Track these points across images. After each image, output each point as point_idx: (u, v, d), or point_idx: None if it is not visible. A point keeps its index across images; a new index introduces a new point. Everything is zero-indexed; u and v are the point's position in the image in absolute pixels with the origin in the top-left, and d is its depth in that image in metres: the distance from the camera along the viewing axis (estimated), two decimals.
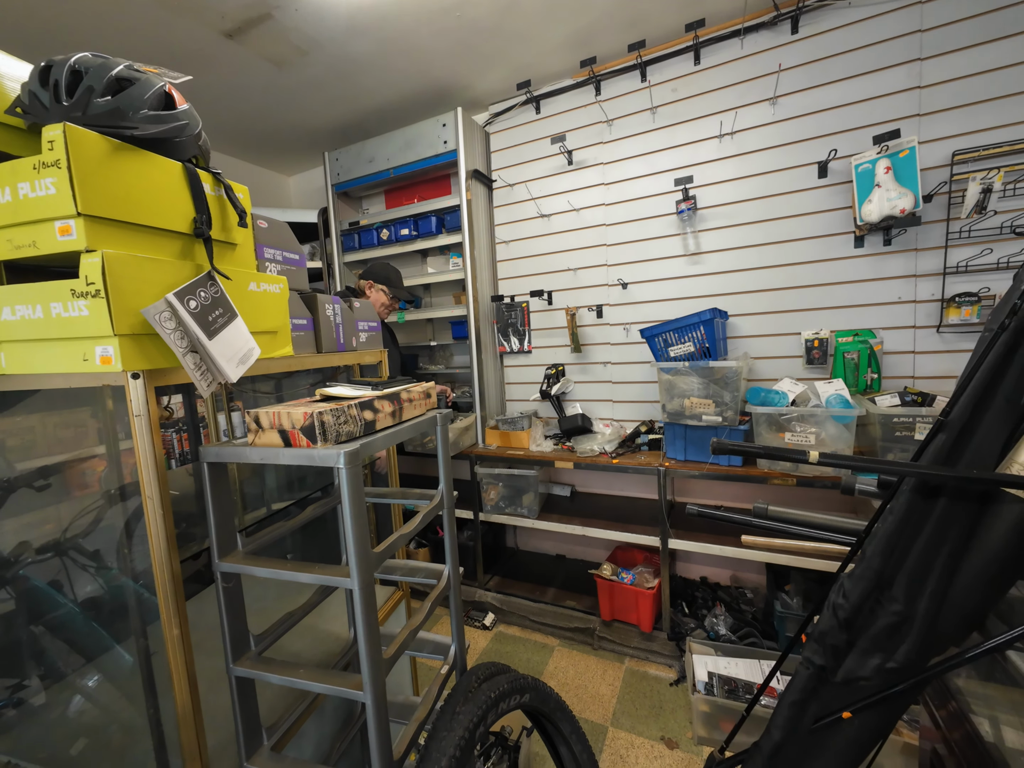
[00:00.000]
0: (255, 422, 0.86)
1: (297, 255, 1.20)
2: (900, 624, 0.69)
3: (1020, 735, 0.72)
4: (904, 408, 1.68)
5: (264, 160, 3.48)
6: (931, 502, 0.69)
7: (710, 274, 2.33)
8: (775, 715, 0.75)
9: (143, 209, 0.74)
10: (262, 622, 1.02)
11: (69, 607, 1.42)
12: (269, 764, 0.92)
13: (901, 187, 1.79)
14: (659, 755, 1.66)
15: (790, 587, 2.05)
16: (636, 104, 2.39)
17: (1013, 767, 0.67)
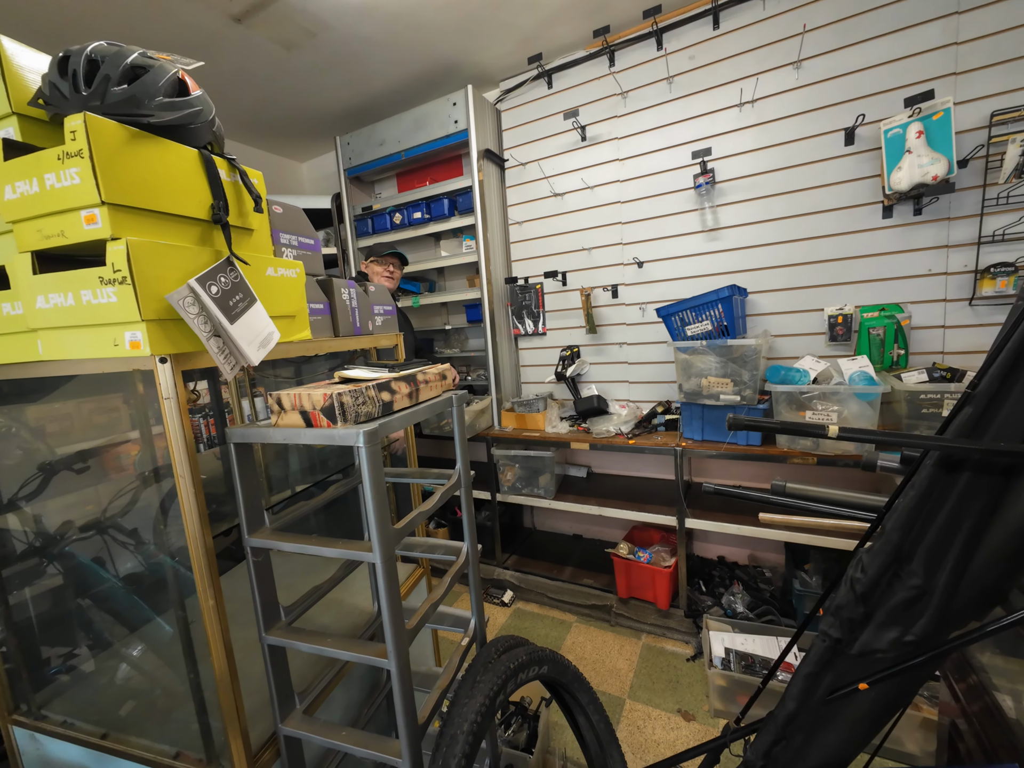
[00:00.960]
0: (277, 404, 0.89)
1: (312, 240, 1.22)
2: (918, 598, 0.69)
3: None
4: (932, 384, 1.63)
5: (276, 147, 3.49)
6: (954, 476, 0.68)
7: (729, 250, 2.27)
8: (790, 686, 0.76)
9: (162, 196, 0.76)
10: (290, 596, 1.07)
11: (112, 582, 1.51)
12: (302, 725, 0.97)
13: (934, 152, 1.70)
14: (676, 726, 1.70)
15: (809, 566, 2.04)
16: (652, 74, 2.31)
17: None
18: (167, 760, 1.01)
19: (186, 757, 1.01)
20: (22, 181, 0.71)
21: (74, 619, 1.47)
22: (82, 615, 1.49)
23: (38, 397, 1.46)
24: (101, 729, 1.10)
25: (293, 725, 0.98)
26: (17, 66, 0.79)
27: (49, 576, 1.43)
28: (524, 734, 1.53)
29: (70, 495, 1.54)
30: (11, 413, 1.46)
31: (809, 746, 0.78)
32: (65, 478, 1.52)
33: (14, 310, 0.82)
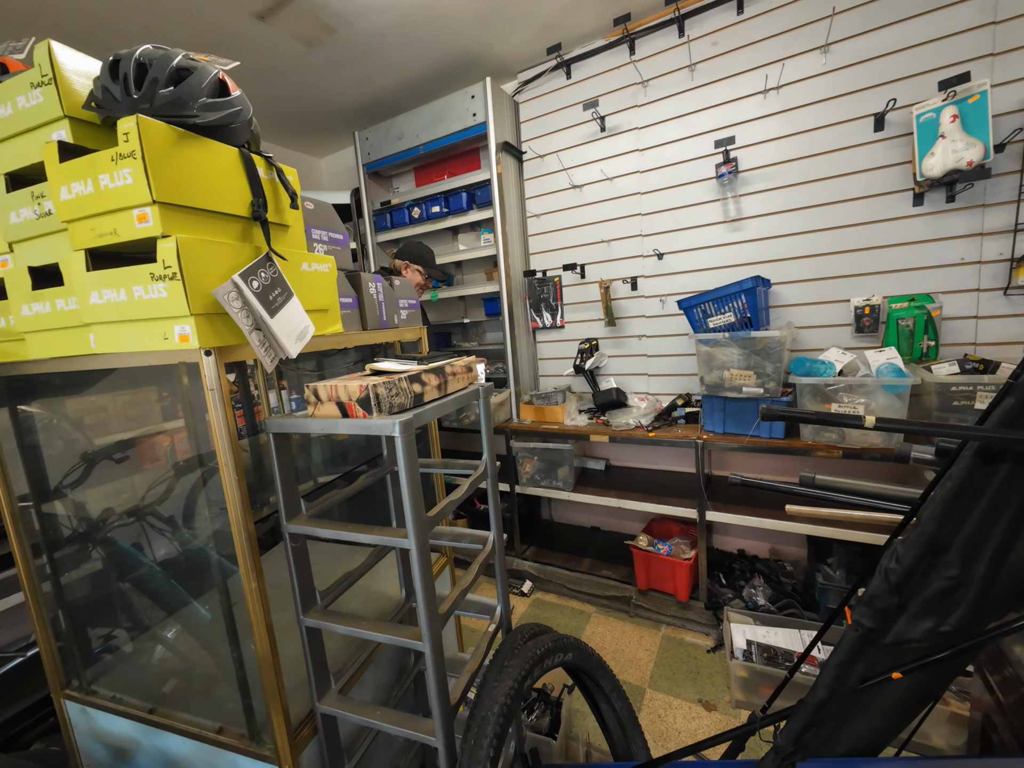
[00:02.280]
0: (314, 395, 0.92)
1: (341, 235, 1.24)
2: (955, 588, 0.68)
3: None
4: (964, 376, 1.60)
5: (295, 143, 3.53)
6: (994, 467, 0.67)
7: (751, 241, 2.24)
8: (822, 675, 0.77)
9: (206, 194, 0.79)
10: (321, 582, 1.10)
11: (151, 566, 1.57)
12: (338, 704, 1.01)
13: (969, 136, 1.65)
14: (696, 716, 1.71)
15: (833, 560, 2.02)
16: (673, 62, 2.27)
17: None
18: (211, 735, 1.06)
19: (229, 732, 1.06)
20: (77, 182, 0.75)
21: (118, 601, 1.54)
22: (124, 598, 1.56)
23: (82, 389, 1.52)
24: (148, 704, 1.16)
25: (329, 704, 1.02)
26: (67, 70, 0.83)
27: (94, 560, 1.50)
28: (547, 719, 1.56)
29: (110, 484, 1.60)
30: (56, 406, 1.52)
31: (840, 733, 0.79)
32: (106, 467, 1.59)
33: (68, 306, 0.86)
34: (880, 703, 0.77)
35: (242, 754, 1.02)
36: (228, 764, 1.05)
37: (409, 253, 2.36)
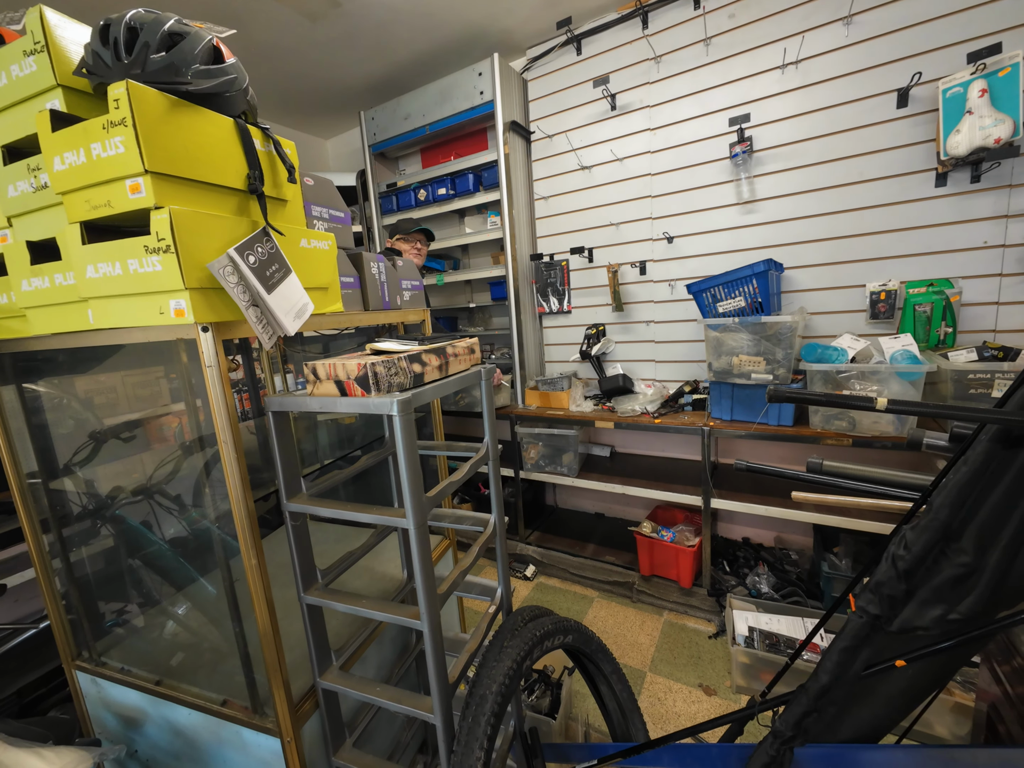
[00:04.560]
0: (313, 373, 0.91)
1: (343, 213, 1.22)
2: (967, 576, 0.66)
3: None
4: (982, 363, 1.55)
5: (301, 123, 3.48)
6: (1013, 452, 0.64)
7: (765, 224, 2.18)
8: (824, 660, 0.76)
9: (201, 165, 0.77)
10: (324, 562, 1.11)
11: (159, 544, 1.60)
12: (339, 680, 1.02)
13: (998, 112, 1.57)
14: (696, 700, 1.72)
15: (839, 549, 2.00)
16: (688, 36, 2.19)
17: None
18: (215, 707, 1.08)
19: (233, 704, 1.08)
20: (70, 152, 0.73)
21: (127, 577, 1.57)
22: (134, 574, 1.59)
23: (90, 367, 1.53)
24: (155, 676, 1.19)
25: (330, 679, 1.03)
26: (59, 37, 0.81)
27: (103, 537, 1.53)
28: (547, 700, 1.57)
29: (119, 463, 1.62)
30: (64, 384, 1.54)
31: (842, 719, 0.78)
32: (114, 446, 1.61)
33: (66, 280, 0.85)
34: (885, 691, 0.76)
35: (245, 726, 1.04)
36: (232, 735, 1.07)
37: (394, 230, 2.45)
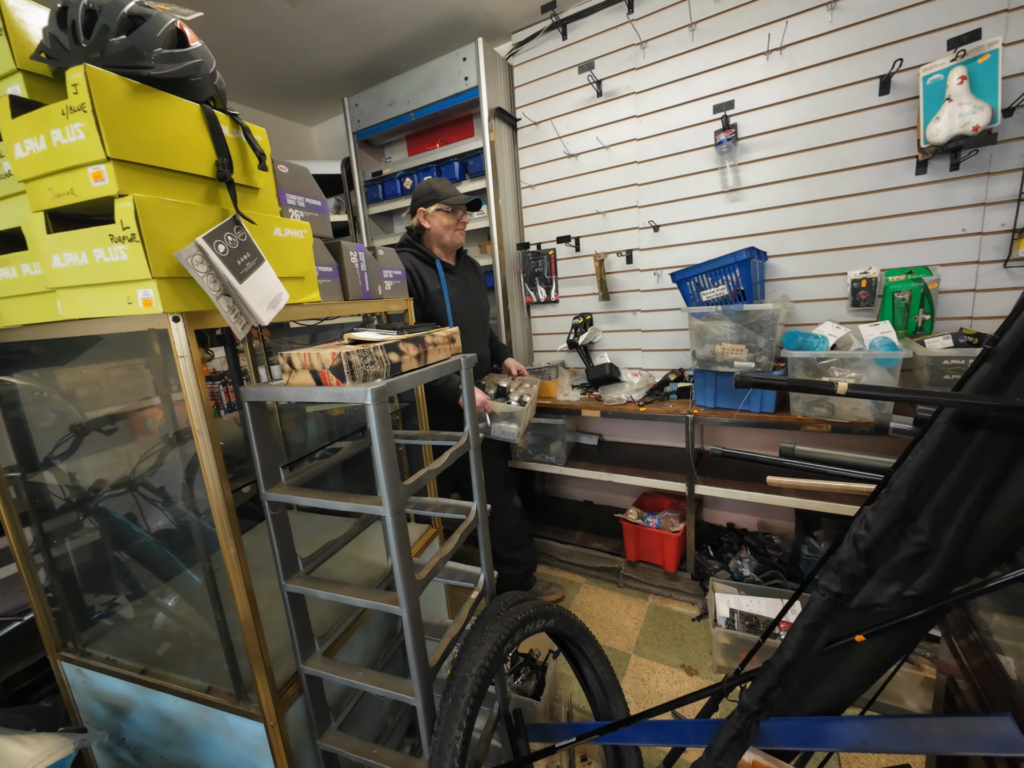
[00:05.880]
0: (288, 363, 0.91)
1: (319, 201, 1.21)
2: (923, 554, 0.69)
3: None
4: (957, 350, 1.58)
5: (284, 111, 3.42)
6: (969, 434, 0.66)
7: (750, 212, 2.18)
8: (788, 637, 0.78)
9: (167, 152, 0.76)
10: (312, 551, 1.12)
11: (144, 536, 1.60)
12: (321, 665, 1.04)
13: (977, 100, 1.58)
14: (678, 680, 1.76)
15: (819, 532, 2.04)
16: (673, 21, 2.17)
17: None
18: (200, 694, 1.09)
19: (217, 691, 1.09)
20: (31, 138, 0.72)
21: (112, 569, 1.57)
22: (119, 566, 1.59)
23: (67, 359, 1.51)
24: (140, 665, 1.20)
25: (313, 665, 1.05)
26: (19, 21, 0.79)
27: (87, 530, 1.53)
28: (532, 683, 1.61)
29: (101, 455, 1.62)
30: (42, 377, 1.52)
31: (806, 693, 0.81)
32: (96, 439, 1.60)
33: (33, 271, 0.84)
34: (847, 665, 0.79)
35: (230, 712, 1.06)
36: (218, 720, 1.09)
37: (420, 197, 1.91)
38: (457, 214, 1.91)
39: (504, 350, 2.33)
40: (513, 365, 2.22)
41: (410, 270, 1.84)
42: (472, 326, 2.02)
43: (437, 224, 1.89)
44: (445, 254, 1.99)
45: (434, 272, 1.94)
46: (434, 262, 1.94)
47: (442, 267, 1.95)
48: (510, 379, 2.12)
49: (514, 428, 1.90)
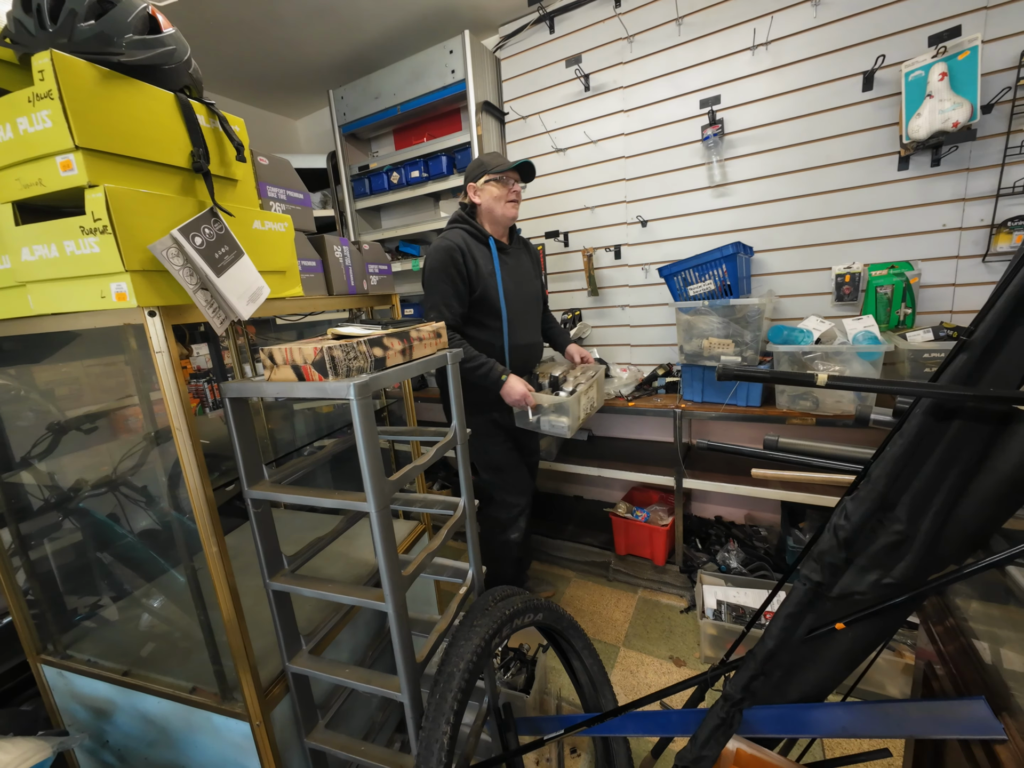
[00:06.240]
0: (270, 359, 0.90)
1: (301, 194, 1.19)
2: (901, 543, 0.70)
3: (1013, 649, 0.74)
4: (937, 343, 1.60)
5: (269, 103, 3.36)
6: (945, 424, 0.67)
7: (736, 207, 2.19)
8: (770, 626, 0.79)
9: (139, 142, 0.74)
10: (298, 548, 1.11)
11: (127, 536, 1.57)
12: (307, 663, 1.03)
13: (957, 96, 1.60)
14: (667, 671, 1.78)
15: (804, 524, 2.07)
16: (660, 15, 2.16)
17: (1004, 676, 0.70)
18: (184, 694, 1.08)
19: (202, 692, 1.08)
20: None
21: (94, 570, 1.54)
22: (101, 567, 1.56)
23: (42, 356, 1.48)
24: (123, 667, 1.18)
25: (299, 663, 1.04)
26: None
27: (67, 531, 1.50)
28: (522, 677, 1.61)
29: (81, 455, 1.58)
30: (18, 375, 1.48)
31: (788, 681, 0.82)
32: (76, 438, 1.56)
33: (2, 264, 0.82)
34: (827, 653, 0.80)
35: (215, 712, 1.05)
36: (203, 721, 1.08)
37: (467, 175, 1.80)
38: (508, 183, 1.74)
39: (564, 336, 2.13)
40: (576, 352, 2.03)
41: (460, 247, 1.67)
42: (524, 311, 1.86)
43: (487, 197, 1.73)
44: (498, 232, 1.81)
45: (487, 251, 1.76)
46: (487, 240, 1.76)
47: (496, 246, 1.77)
48: (567, 368, 1.96)
49: (564, 421, 1.71)
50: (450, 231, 1.76)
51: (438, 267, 1.66)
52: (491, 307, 1.74)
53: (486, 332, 1.77)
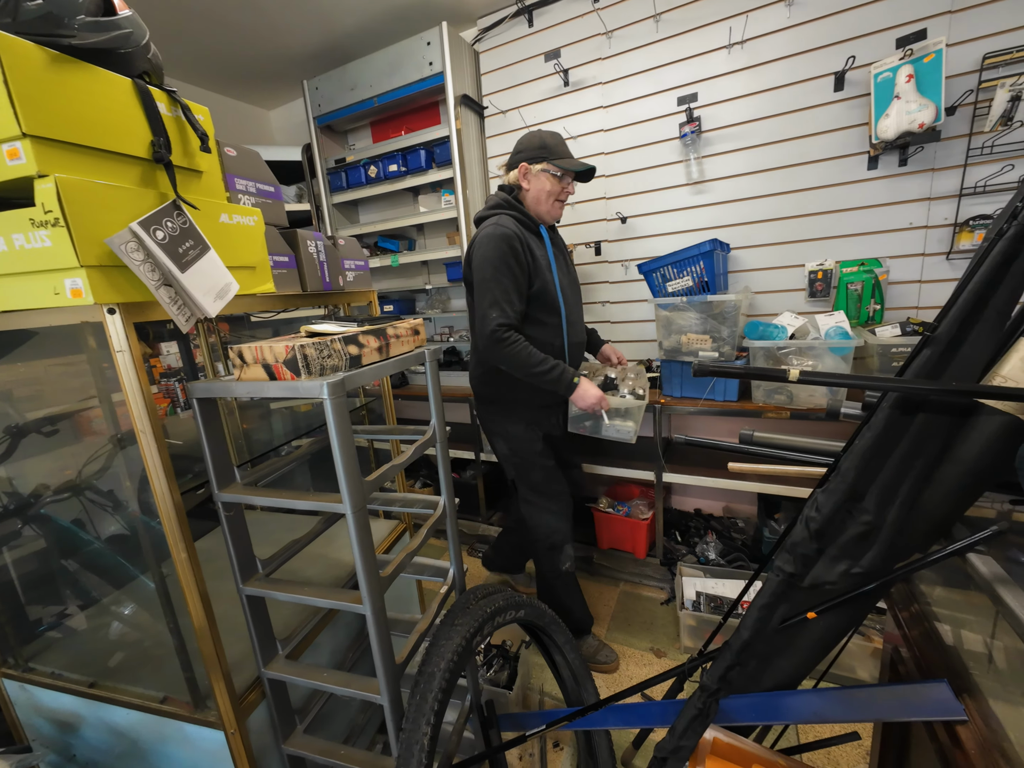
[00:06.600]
0: (239, 357, 0.87)
1: (272, 187, 1.15)
2: (869, 533, 0.72)
3: (973, 632, 0.77)
4: (904, 338, 1.65)
5: (241, 93, 3.25)
6: (910, 417, 0.69)
7: (714, 204, 2.22)
8: (745, 617, 0.80)
9: (94, 130, 0.70)
10: (274, 551, 1.09)
11: (93, 542, 1.51)
12: (284, 668, 1.01)
13: (922, 98, 1.64)
14: (648, 663, 1.81)
15: (780, 515, 2.13)
16: (638, 11, 2.17)
17: (964, 657, 0.72)
18: (154, 704, 1.04)
19: (173, 701, 1.05)
20: None
21: (58, 578, 1.48)
22: (66, 575, 1.50)
23: None
24: (89, 678, 1.13)
25: (276, 669, 1.01)
26: None
27: (28, 538, 1.43)
28: (505, 673, 1.62)
29: (43, 458, 1.52)
30: None
31: (763, 670, 0.84)
32: (36, 441, 1.49)
33: None
34: (800, 641, 0.82)
35: (187, 721, 1.02)
36: (175, 731, 1.05)
37: (525, 150, 1.59)
38: (564, 181, 1.59)
39: (596, 335, 1.97)
40: (612, 352, 1.93)
41: (517, 235, 1.50)
42: (575, 306, 1.73)
43: (538, 187, 1.57)
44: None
45: (539, 241, 1.60)
46: (539, 228, 1.61)
47: (547, 235, 1.63)
48: (621, 369, 1.87)
49: (630, 426, 1.64)
50: (500, 217, 1.54)
51: (496, 258, 1.46)
52: (550, 303, 1.58)
53: (545, 330, 1.59)
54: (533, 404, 1.67)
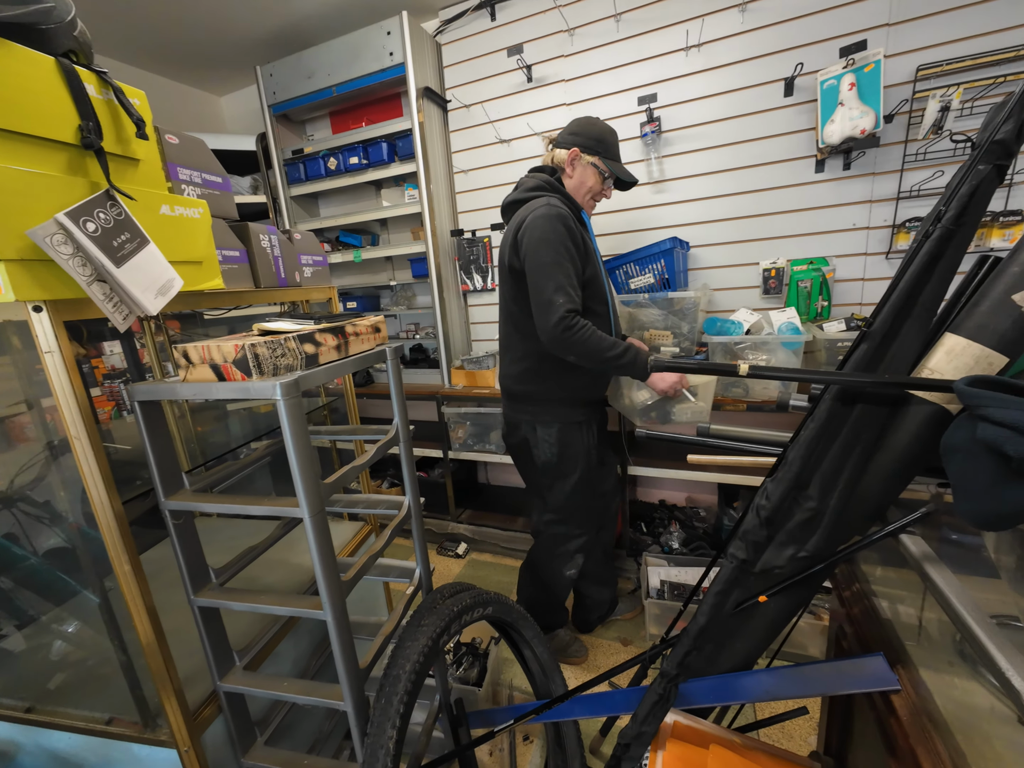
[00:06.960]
0: (184, 357, 0.82)
1: (220, 177, 1.09)
2: (813, 518, 0.76)
3: (906, 607, 0.82)
4: (848, 333, 1.75)
5: (190, 78, 3.08)
6: (849, 408, 0.73)
7: (674, 203, 2.28)
8: (702, 604, 0.84)
9: (11, 112, 0.64)
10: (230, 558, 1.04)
11: (28, 558, 1.41)
12: (241, 680, 0.97)
13: (864, 105, 1.74)
14: (615, 652, 1.85)
15: (738, 503, 2.22)
16: (599, 10, 2.19)
17: (898, 631, 0.78)
18: (100, 727, 0.98)
19: (120, 722, 0.99)
20: None
21: None
22: None
23: None
24: (25, 703, 1.05)
25: (232, 681, 0.98)
26: None
27: None
28: (475, 671, 1.62)
29: None
30: None
31: (719, 653, 0.87)
32: None
33: None
34: (753, 624, 0.86)
35: (136, 742, 0.96)
36: (123, 753, 0.99)
37: (580, 134, 1.54)
38: (607, 184, 1.57)
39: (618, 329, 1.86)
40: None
41: (567, 215, 1.41)
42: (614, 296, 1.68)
43: (581, 179, 1.53)
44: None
45: (583, 227, 1.55)
46: (580, 213, 1.54)
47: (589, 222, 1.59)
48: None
49: (702, 406, 1.59)
50: (551, 198, 1.45)
51: (556, 240, 1.35)
52: (599, 291, 1.51)
53: (595, 320, 1.48)
54: (577, 401, 1.58)
